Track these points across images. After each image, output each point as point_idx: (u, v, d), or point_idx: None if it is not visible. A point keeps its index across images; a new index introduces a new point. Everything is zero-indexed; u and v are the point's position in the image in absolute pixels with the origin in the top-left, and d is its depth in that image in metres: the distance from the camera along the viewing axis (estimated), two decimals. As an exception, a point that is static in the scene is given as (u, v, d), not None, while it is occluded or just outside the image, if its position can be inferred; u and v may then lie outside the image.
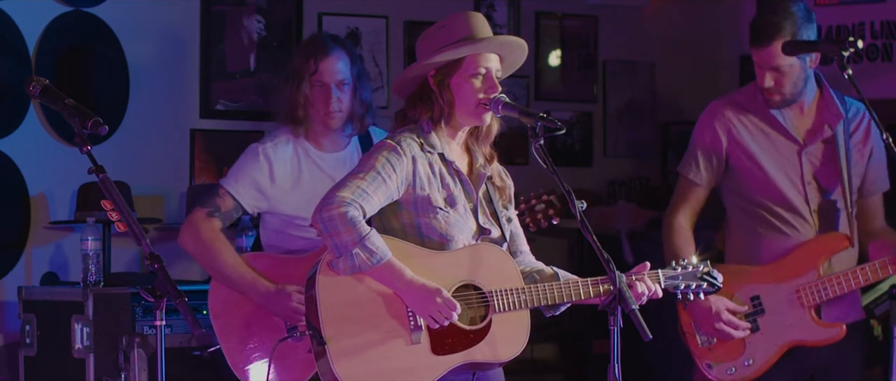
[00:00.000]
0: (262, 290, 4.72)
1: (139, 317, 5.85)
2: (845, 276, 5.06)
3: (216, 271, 4.79)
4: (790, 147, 5.13)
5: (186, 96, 7.03)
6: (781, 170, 5.13)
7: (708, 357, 5.12)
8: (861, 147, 5.18)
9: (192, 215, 4.85)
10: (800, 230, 5.13)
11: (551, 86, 8.23)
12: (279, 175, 4.85)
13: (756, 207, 5.16)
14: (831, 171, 5.14)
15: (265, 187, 4.84)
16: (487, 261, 4.23)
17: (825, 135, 5.13)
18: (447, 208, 4.24)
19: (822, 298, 5.08)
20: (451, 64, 4.24)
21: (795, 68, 5.02)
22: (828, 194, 5.14)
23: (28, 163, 6.55)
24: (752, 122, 5.16)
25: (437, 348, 4.15)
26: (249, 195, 4.84)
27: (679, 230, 5.19)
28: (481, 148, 4.35)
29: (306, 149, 4.91)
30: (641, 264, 4.28)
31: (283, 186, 4.85)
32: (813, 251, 5.11)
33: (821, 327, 5.10)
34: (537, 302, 4.23)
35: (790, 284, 5.10)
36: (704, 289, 4.40)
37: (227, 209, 4.83)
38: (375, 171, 4.15)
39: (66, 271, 6.54)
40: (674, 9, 8.55)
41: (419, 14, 7.67)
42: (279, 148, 4.88)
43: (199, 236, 4.78)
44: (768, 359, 5.09)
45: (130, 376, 5.59)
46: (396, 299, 4.14)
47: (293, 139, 4.90)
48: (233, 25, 7.14)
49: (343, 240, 4.06)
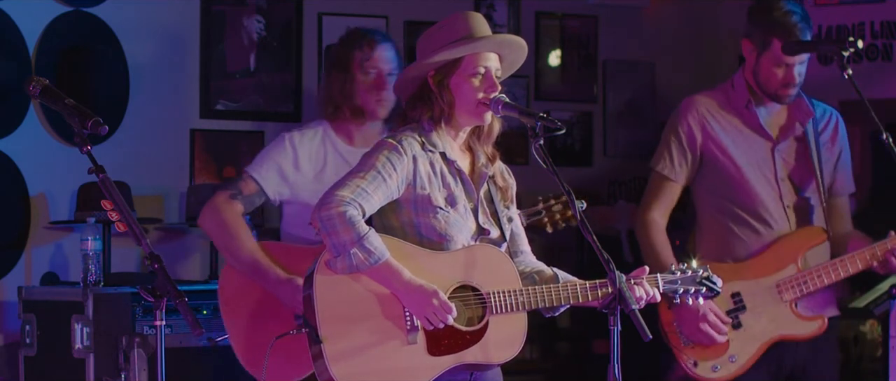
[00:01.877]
0: (273, 278, 4.71)
1: (139, 317, 5.84)
2: (825, 269, 5.08)
3: (232, 254, 4.78)
4: (763, 145, 5.16)
5: (186, 96, 7.03)
6: (755, 167, 5.15)
7: (692, 355, 5.13)
8: (830, 146, 5.23)
9: (214, 198, 4.85)
10: (773, 228, 5.15)
11: (551, 86, 8.23)
12: (303, 163, 4.87)
13: (730, 204, 5.17)
14: (803, 168, 5.17)
15: (288, 174, 4.85)
16: (486, 262, 4.23)
17: (796, 132, 5.18)
18: (447, 207, 4.23)
19: (803, 292, 5.10)
20: (450, 64, 4.24)
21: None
22: (802, 192, 5.17)
23: (28, 163, 6.55)
24: (726, 118, 5.19)
25: (433, 348, 4.15)
26: (273, 180, 4.85)
27: (656, 227, 5.19)
28: (483, 148, 4.35)
29: (334, 141, 4.93)
30: (640, 267, 4.28)
31: (307, 175, 4.87)
32: (791, 246, 5.13)
33: (802, 320, 5.13)
34: (535, 304, 4.23)
35: (770, 279, 5.11)
36: (704, 294, 4.39)
37: (250, 194, 4.84)
38: (376, 170, 4.15)
39: (66, 271, 6.54)
40: (674, 9, 8.54)
41: (419, 14, 7.66)
42: (306, 137, 4.91)
43: (220, 217, 4.78)
44: (752, 355, 5.11)
45: (130, 376, 5.59)
46: (394, 299, 4.14)
47: (324, 131, 4.92)
48: (233, 25, 7.14)
49: (341, 239, 4.06)
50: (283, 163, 4.86)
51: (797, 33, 5.04)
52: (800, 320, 5.12)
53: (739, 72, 5.21)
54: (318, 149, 4.90)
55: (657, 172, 5.23)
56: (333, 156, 4.91)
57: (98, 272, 5.95)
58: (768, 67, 5.08)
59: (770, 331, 5.11)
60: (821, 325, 5.13)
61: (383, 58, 4.92)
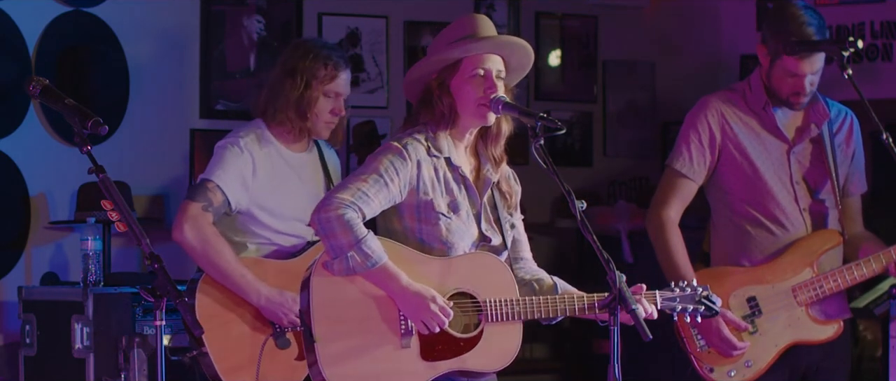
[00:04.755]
0: (264, 292, 4.70)
1: (139, 317, 5.84)
2: (841, 272, 5.06)
3: (217, 269, 4.72)
4: (779, 147, 5.14)
5: (186, 96, 7.03)
6: (771, 169, 5.13)
7: (708, 361, 5.11)
8: (845, 147, 5.20)
9: (187, 210, 4.74)
10: (789, 230, 5.13)
11: (551, 86, 8.23)
12: (259, 169, 4.82)
13: (746, 205, 5.14)
14: (818, 171, 5.15)
15: (248, 181, 4.80)
16: (484, 270, 4.21)
17: (812, 134, 5.15)
18: (450, 213, 4.21)
19: (818, 296, 5.08)
20: (450, 66, 4.22)
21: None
22: (816, 194, 5.15)
23: (28, 163, 6.55)
24: (744, 119, 5.16)
25: (426, 353, 4.13)
26: (237, 189, 4.78)
27: (672, 227, 5.12)
28: (491, 150, 4.31)
29: (277, 147, 4.88)
30: (637, 285, 4.23)
31: (262, 181, 4.82)
32: (807, 249, 5.11)
33: (818, 325, 5.11)
34: (531, 315, 4.20)
35: (785, 283, 5.09)
36: (702, 312, 4.33)
37: (218, 204, 4.76)
38: (378, 174, 4.14)
39: (66, 271, 6.54)
40: (674, 9, 8.54)
41: (419, 14, 7.67)
42: (255, 142, 4.85)
43: (201, 231, 4.70)
44: (768, 361, 5.09)
45: (130, 376, 5.59)
46: (390, 302, 4.13)
47: (263, 136, 4.87)
48: (233, 25, 7.14)
49: (339, 242, 4.06)
50: (244, 170, 4.79)
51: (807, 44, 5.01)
52: (816, 324, 5.10)
53: (756, 72, 5.16)
54: (265, 154, 4.85)
55: (674, 170, 5.16)
56: (278, 160, 4.87)
57: (98, 272, 5.95)
58: (780, 76, 5.05)
59: (787, 336, 5.09)
60: (837, 329, 5.12)
61: (344, 83, 4.88)
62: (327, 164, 4.98)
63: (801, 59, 4.98)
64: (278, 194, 4.80)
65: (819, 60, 5.02)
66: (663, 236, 5.12)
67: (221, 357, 4.70)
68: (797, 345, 5.10)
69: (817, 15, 5.06)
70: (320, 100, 4.85)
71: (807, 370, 5.17)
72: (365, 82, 7.57)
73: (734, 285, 5.08)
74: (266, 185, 4.81)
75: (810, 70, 5.01)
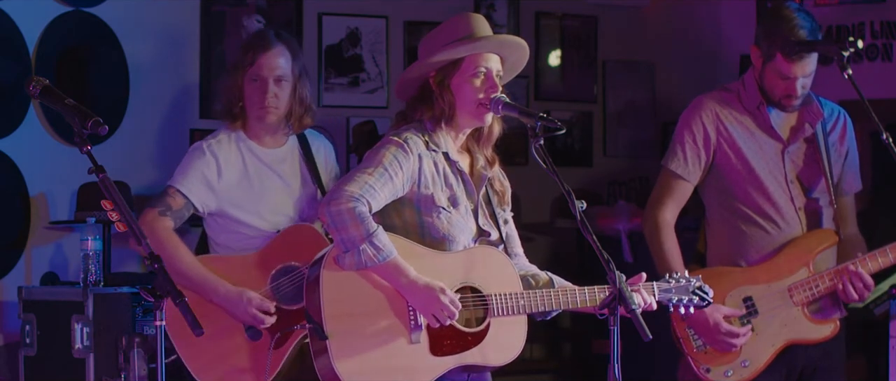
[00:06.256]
0: (222, 292, 4.67)
1: (139, 317, 5.84)
2: (837, 272, 5.07)
3: (177, 271, 4.62)
4: (773, 146, 5.14)
5: (186, 96, 7.03)
6: (766, 169, 5.13)
7: (705, 361, 5.12)
8: (838, 146, 5.21)
9: (144, 216, 4.76)
10: (784, 229, 5.13)
11: (551, 86, 8.23)
12: (225, 170, 4.80)
13: (742, 205, 5.14)
14: (813, 170, 5.15)
15: (213, 183, 4.79)
16: (488, 264, 4.23)
17: (806, 133, 5.15)
18: (450, 207, 4.23)
19: (814, 295, 5.08)
20: (451, 65, 4.23)
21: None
22: (810, 193, 5.15)
23: (28, 163, 6.55)
24: (738, 119, 5.16)
25: (435, 348, 4.15)
26: (200, 191, 4.77)
27: (668, 229, 5.13)
28: (483, 151, 4.34)
29: (249, 145, 4.86)
30: (637, 275, 4.26)
31: (230, 182, 4.80)
32: (803, 249, 5.11)
33: (815, 324, 5.11)
34: (536, 307, 4.22)
35: (781, 283, 5.10)
36: (696, 303, 4.40)
37: (179, 208, 4.76)
38: (383, 167, 4.15)
39: (66, 271, 6.54)
40: (674, 9, 8.55)
41: (419, 14, 7.67)
42: (223, 145, 4.83)
43: (154, 234, 4.67)
44: (765, 360, 5.09)
45: (130, 376, 5.59)
46: (399, 297, 4.14)
47: (235, 135, 4.86)
48: (233, 25, 7.14)
49: (350, 235, 4.06)
50: (207, 172, 4.78)
51: (800, 47, 5.00)
52: (812, 324, 5.10)
53: (750, 72, 5.17)
54: (235, 154, 4.83)
55: (670, 171, 5.17)
56: (251, 158, 4.85)
57: (98, 272, 5.95)
58: (772, 78, 5.05)
59: (783, 335, 5.09)
60: (834, 329, 5.12)
61: (268, 64, 4.80)
62: (313, 154, 4.95)
63: (793, 62, 4.99)
64: (254, 192, 4.79)
65: (811, 63, 5.02)
66: (658, 237, 5.13)
67: (192, 356, 4.69)
68: (794, 345, 5.11)
69: (810, 18, 5.06)
70: (246, 87, 4.83)
71: (804, 369, 5.17)
72: (365, 82, 7.57)
73: (730, 285, 5.08)
74: (237, 184, 4.80)
75: (802, 73, 5.02)
